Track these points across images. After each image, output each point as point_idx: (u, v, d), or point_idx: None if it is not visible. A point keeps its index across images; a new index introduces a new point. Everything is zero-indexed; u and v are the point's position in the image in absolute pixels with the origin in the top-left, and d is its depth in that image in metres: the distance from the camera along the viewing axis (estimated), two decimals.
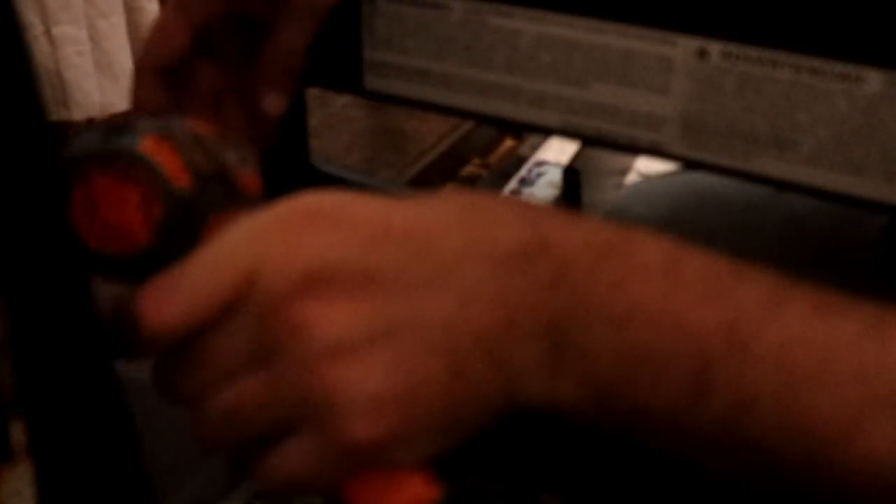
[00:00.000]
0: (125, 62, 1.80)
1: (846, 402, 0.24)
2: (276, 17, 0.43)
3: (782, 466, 0.25)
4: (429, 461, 0.27)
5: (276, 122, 0.46)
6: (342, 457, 0.26)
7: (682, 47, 0.41)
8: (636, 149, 0.44)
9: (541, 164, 1.49)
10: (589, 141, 0.45)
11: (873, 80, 0.37)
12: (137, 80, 0.43)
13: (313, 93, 0.55)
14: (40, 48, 1.66)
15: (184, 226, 0.29)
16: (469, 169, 1.52)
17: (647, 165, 1.24)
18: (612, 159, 1.17)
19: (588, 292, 0.25)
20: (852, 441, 0.24)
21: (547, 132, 0.46)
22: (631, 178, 1.26)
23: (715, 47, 0.40)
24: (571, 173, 0.98)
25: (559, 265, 0.26)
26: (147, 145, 0.29)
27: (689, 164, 0.43)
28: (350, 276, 0.25)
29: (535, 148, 1.54)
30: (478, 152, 1.57)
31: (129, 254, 0.29)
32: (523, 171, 1.47)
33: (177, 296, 0.26)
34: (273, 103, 0.44)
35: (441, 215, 0.27)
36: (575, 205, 0.99)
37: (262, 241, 0.26)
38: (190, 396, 0.27)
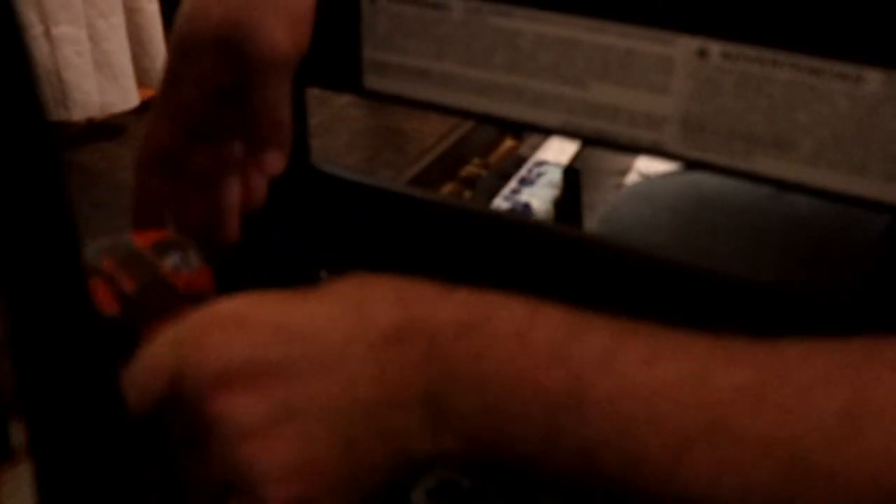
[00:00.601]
0: (124, 62, 1.80)
1: (667, 439, 0.28)
2: (248, 84, 0.44)
3: (632, 496, 0.29)
4: None
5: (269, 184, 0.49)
6: None
7: (683, 47, 0.41)
8: (636, 148, 0.44)
9: (541, 164, 1.49)
10: (589, 141, 0.45)
11: (873, 79, 0.37)
12: (139, 175, 0.47)
13: (313, 93, 0.55)
14: (40, 48, 1.66)
15: (120, 334, 0.37)
16: (469, 169, 1.52)
17: (647, 165, 1.24)
18: (612, 159, 1.17)
19: (453, 364, 0.30)
20: (674, 474, 0.28)
21: (547, 132, 0.46)
22: (631, 178, 1.26)
23: (715, 47, 0.40)
24: (571, 173, 0.98)
25: (428, 342, 0.31)
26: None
27: (690, 164, 0.43)
28: (254, 371, 0.31)
29: (535, 148, 1.54)
30: (478, 152, 1.57)
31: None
32: (523, 171, 1.47)
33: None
34: (272, 162, 0.46)
35: (327, 311, 0.32)
36: (575, 205, 0.99)
37: (182, 347, 0.32)
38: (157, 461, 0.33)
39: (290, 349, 0.31)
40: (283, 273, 0.62)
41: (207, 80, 0.45)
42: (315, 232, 0.59)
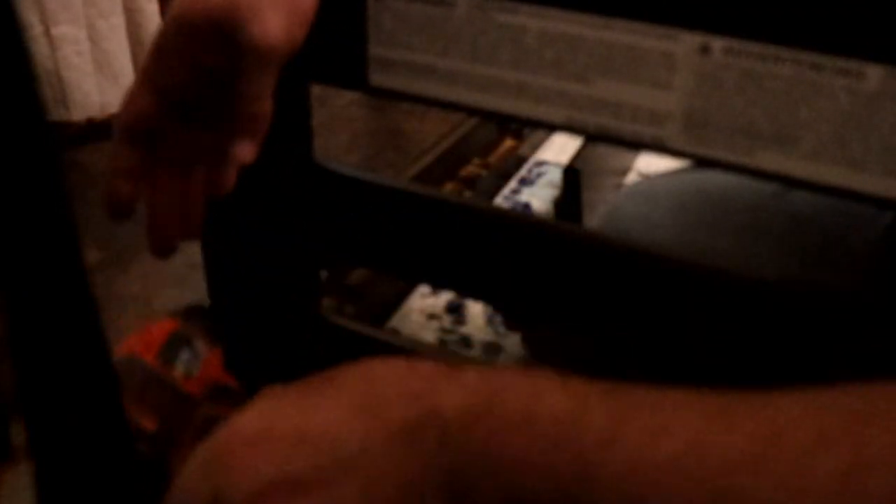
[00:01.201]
0: (124, 62, 1.80)
1: None
2: (235, 70, 0.44)
3: None
4: None
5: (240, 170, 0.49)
6: None
7: (685, 43, 0.41)
8: (639, 144, 0.44)
9: (541, 164, 1.48)
10: (592, 136, 0.45)
11: (874, 75, 0.37)
12: (113, 146, 0.48)
13: (313, 92, 0.55)
14: (40, 48, 1.66)
15: (151, 467, 0.41)
16: (469, 169, 1.52)
17: (646, 165, 1.23)
18: (612, 159, 1.16)
19: (465, 452, 0.32)
20: None
21: (551, 128, 0.46)
22: (631, 178, 1.26)
23: (717, 43, 0.40)
24: (571, 173, 0.97)
25: (440, 434, 0.32)
26: None
27: (692, 160, 0.43)
28: (284, 487, 0.32)
29: (535, 148, 1.54)
30: (478, 152, 1.57)
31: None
32: (523, 171, 1.47)
33: None
34: (242, 151, 0.46)
35: (343, 415, 0.34)
36: (575, 205, 0.98)
37: (213, 472, 0.33)
38: None
39: (313, 460, 0.33)
40: (286, 271, 0.62)
41: (197, 60, 0.45)
42: (317, 228, 0.59)
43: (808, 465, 0.28)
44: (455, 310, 1.08)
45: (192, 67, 0.45)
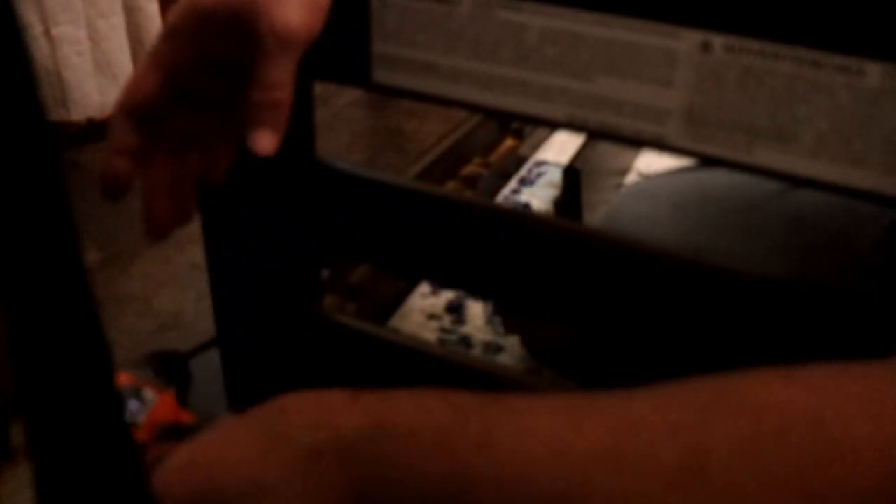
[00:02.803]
0: (124, 62, 1.80)
1: None
2: (251, 58, 0.44)
3: None
4: None
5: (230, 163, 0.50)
6: None
7: (686, 40, 0.41)
8: (640, 141, 0.44)
9: (541, 164, 1.48)
10: (594, 133, 0.45)
11: (874, 72, 0.37)
12: (113, 123, 0.47)
13: (314, 92, 0.55)
14: (40, 48, 1.67)
15: None
16: (470, 168, 1.52)
17: (647, 165, 1.23)
18: (612, 159, 1.16)
19: (363, 465, 0.35)
20: None
21: (553, 125, 0.46)
22: (631, 177, 1.26)
23: (718, 40, 0.40)
24: (571, 173, 0.97)
25: (337, 453, 0.36)
26: None
27: (693, 157, 0.43)
28: None
29: (535, 147, 1.54)
30: (479, 151, 1.57)
31: None
32: (523, 171, 1.47)
33: None
34: (263, 141, 0.45)
35: (256, 444, 0.37)
36: (575, 204, 0.98)
37: None
38: None
39: (231, 487, 0.36)
40: (288, 268, 0.62)
41: (209, 46, 0.45)
42: (320, 226, 0.59)
43: (655, 453, 0.31)
44: (455, 310, 1.08)
45: (203, 53, 0.45)
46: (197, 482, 0.36)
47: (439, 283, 0.91)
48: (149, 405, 0.46)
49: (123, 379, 0.51)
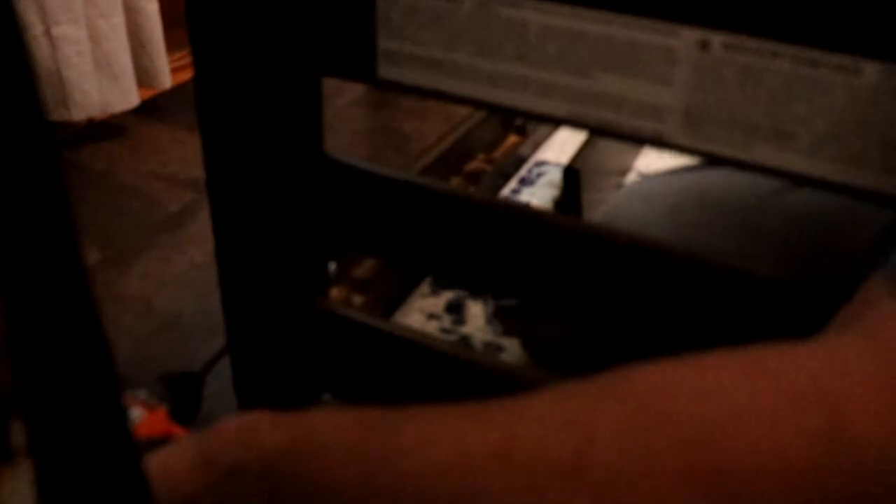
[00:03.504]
0: (125, 62, 1.80)
1: None
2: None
3: None
4: None
5: None
6: None
7: (685, 38, 0.41)
8: (639, 138, 0.44)
9: (541, 164, 1.49)
10: (593, 130, 0.45)
11: (871, 71, 0.38)
12: None
13: None
14: (40, 48, 1.66)
15: None
16: (474, 164, 1.52)
17: (646, 165, 1.24)
18: (612, 159, 1.16)
19: (282, 478, 0.37)
20: None
21: (553, 121, 0.46)
22: (631, 178, 1.26)
23: (717, 38, 0.40)
24: (571, 173, 0.98)
25: (262, 466, 0.38)
26: None
27: (691, 155, 0.43)
28: None
29: (536, 147, 1.54)
30: (482, 148, 1.57)
31: None
32: (523, 171, 1.47)
33: None
34: None
35: (194, 462, 0.39)
36: (575, 205, 0.99)
37: None
38: None
39: (159, 499, 0.37)
40: (295, 261, 0.62)
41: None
42: (327, 220, 0.60)
43: (547, 448, 0.33)
44: (455, 310, 1.08)
45: None
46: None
47: (444, 277, 0.91)
48: (136, 423, 0.46)
49: None
